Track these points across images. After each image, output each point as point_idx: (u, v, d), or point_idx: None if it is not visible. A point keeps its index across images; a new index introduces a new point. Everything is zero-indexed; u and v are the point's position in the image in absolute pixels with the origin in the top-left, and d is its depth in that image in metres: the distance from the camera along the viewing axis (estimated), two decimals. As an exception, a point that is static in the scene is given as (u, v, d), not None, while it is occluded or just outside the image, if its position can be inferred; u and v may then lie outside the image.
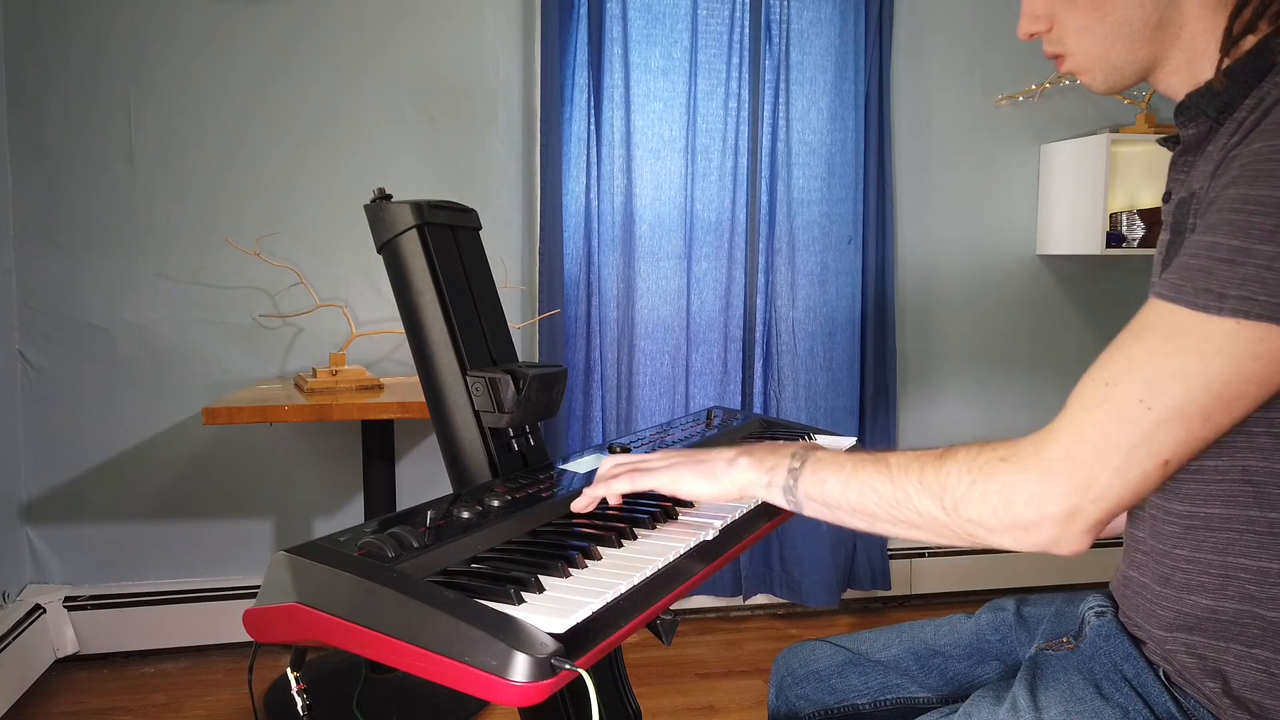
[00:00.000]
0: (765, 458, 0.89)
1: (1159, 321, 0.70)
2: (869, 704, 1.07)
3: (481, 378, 1.10)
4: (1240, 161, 0.70)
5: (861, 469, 0.82)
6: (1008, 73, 2.87)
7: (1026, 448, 0.73)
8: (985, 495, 0.73)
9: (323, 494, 2.60)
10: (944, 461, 0.77)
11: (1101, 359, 0.73)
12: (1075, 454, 0.70)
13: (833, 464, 0.84)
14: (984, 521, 0.73)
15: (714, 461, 0.92)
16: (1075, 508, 0.70)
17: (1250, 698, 0.75)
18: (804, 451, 0.87)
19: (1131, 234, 2.81)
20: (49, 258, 2.40)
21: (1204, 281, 0.68)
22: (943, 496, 0.75)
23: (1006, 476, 0.72)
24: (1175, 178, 0.86)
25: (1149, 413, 0.68)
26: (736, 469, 0.90)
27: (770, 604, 2.87)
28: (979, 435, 2.90)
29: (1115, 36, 0.82)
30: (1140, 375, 0.69)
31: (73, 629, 2.44)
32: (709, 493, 0.92)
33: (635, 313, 2.64)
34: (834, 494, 0.83)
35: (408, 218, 1.13)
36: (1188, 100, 0.82)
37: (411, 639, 0.69)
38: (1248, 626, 0.75)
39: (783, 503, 0.88)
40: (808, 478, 0.85)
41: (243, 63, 2.45)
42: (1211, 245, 0.68)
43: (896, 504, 0.79)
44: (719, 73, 2.65)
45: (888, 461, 0.80)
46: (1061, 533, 0.71)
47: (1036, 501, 0.71)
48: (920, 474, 0.77)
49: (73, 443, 2.45)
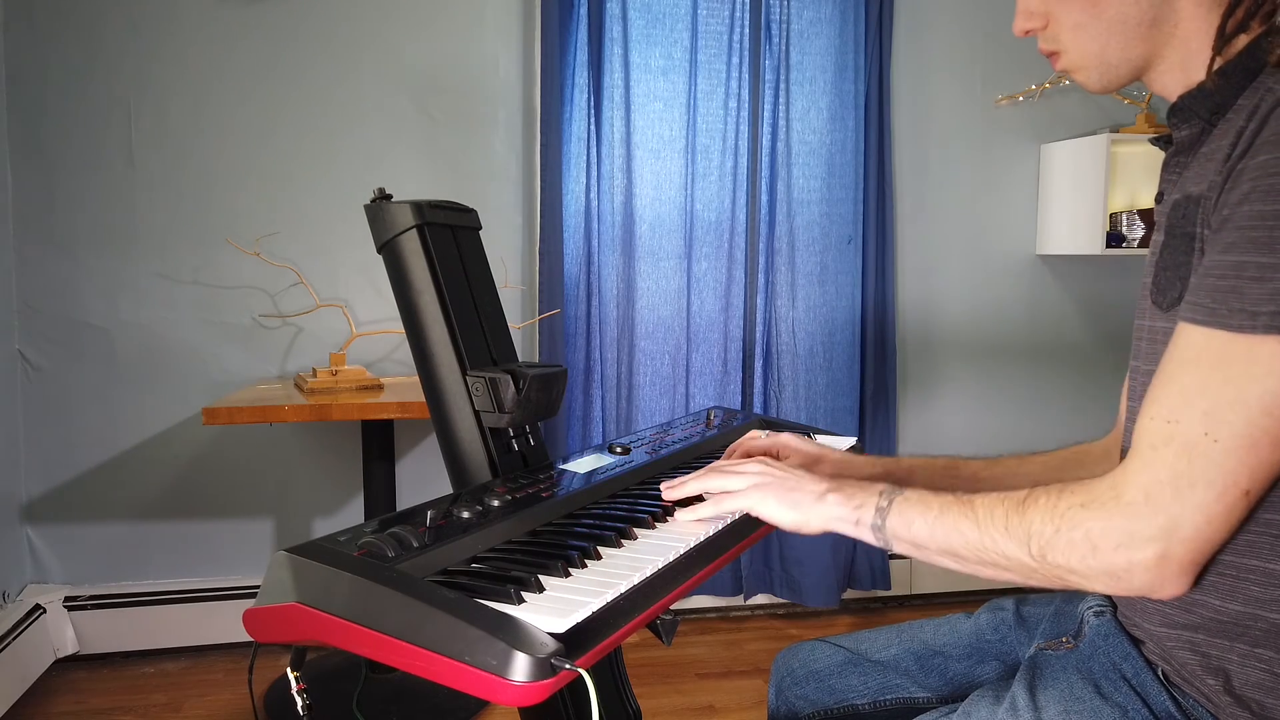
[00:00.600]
0: (854, 494, 0.89)
1: (1203, 350, 0.69)
2: (869, 704, 1.07)
3: (482, 378, 1.10)
4: (1250, 176, 0.69)
5: (947, 512, 0.82)
6: (1008, 72, 2.88)
7: (1105, 492, 0.72)
8: (1071, 543, 0.73)
9: (323, 494, 2.60)
10: (1026, 507, 0.76)
11: (1154, 394, 0.72)
12: (1154, 496, 0.70)
13: (919, 505, 0.84)
14: (1074, 569, 0.73)
15: (802, 492, 0.91)
16: (1164, 552, 0.69)
17: (1251, 696, 0.75)
18: (891, 490, 0.87)
19: (1132, 234, 2.81)
20: (49, 257, 2.40)
21: (1236, 302, 0.68)
22: (1029, 544, 0.75)
23: (1090, 524, 0.72)
24: (1168, 179, 0.86)
25: (1216, 445, 0.68)
26: (825, 504, 0.89)
27: (770, 604, 2.87)
28: (979, 435, 2.91)
29: (1110, 34, 0.82)
30: (1198, 408, 0.69)
31: (73, 629, 2.44)
32: (789, 521, 0.91)
33: (635, 313, 2.64)
34: (922, 536, 0.83)
35: (408, 218, 1.13)
36: (1180, 102, 0.82)
37: (412, 639, 0.69)
38: (1250, 627, 0.75)
39: (871, 540, 0.88)
40: (895, 518, 0.85)
41: (242, 62, 2.45)
42: (1239, 265, 0.68)
43: (984, 549, 0.79)
44: (719, 73, 2.65)
45: (973, 505, 0.80)
46: (1157, 578, 0.70)
47: (1125, 549, 0.70)
48: (1005, 520, 0.77)
49: (73, 443, 2.45)
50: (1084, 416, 2.98)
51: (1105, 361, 3.02)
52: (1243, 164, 0.71)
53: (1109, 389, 3.01)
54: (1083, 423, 2.96)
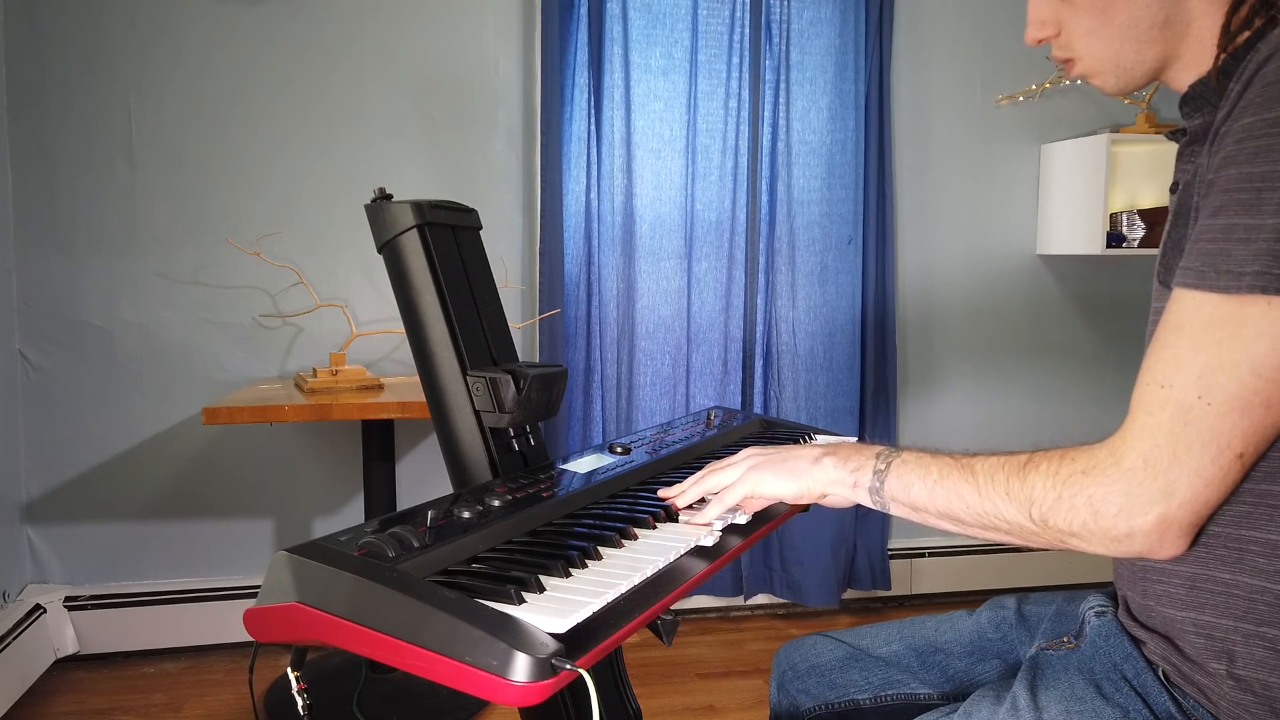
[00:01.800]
0: (850, 457, 0.90)
1: (1193, 313, 0.70)
2: (870, 699, 1.07)
3: (482, 378, 1.10)
4: (1234, 138, 0.70)
5: (947, 476, 0.82)
6: (1008, 72, 2.87)
7: (1104, 459, 0.73)
8: (1073, 509, 0.74)
9: (323, 494, 2.60)
10: (1027, 472, 0.78)
11: (1149, 360, 0.73)
12: (1152, 460, 0.71)
13: (918, 468, 0.85)
14: (1075, 532, 0.75)
15: (797, 460, 0.92)
16: (1163, 515, 0.71)
17: (1255, 676, 0.75)
18: (889, 453, 0.88)
19: (1132, 234, 2.81)
20: (49, 258, 2.40)
21: (1224, 263, 0.68)
22: (1030, 509, 0.77)
23: (1092, 489, 0.73)
24: (1182, 168, 0.86)
25: (1210, 408, 0.69)
26: (821, 467, 0.91)
27: (771, 604, 2.87)
28: (979, 434, 2.90)
29: (1124, 38, 0.83)
30: (1191, 372, 0.69)
31: (73, 629, 2.44)
32: (791, 491, 0.92)
33: (635, 313, 2.64)
34: (920, 499, 0.84)
35: (408, 218, 1.13)
36: (1191, 92, 0.83)
37: (412, 639, 0.69)
38: (1256, 602, 0.75)
39: (868, 502, 0.89)
40: (893, 480, 0.86)
41: (243, 63, 2.45)
42: (1227, 228, 0.69)
43: (984, 513, 0.80)
44: (719, 73, 2.65)
45: (973, 469, 0.81)
46: (1156, 541, 0.72)
47: (1125, 514, 0.72)
48: (1006, 484, 0.78)
49: (73, 442, 2.45)
50: (1084, 416, 2.98)
51: (1105, 361, 3.02)
52: (1227, 126, 0.71)
53: (1109, 388, 3.01)
54: (1083, 422, 2.96)
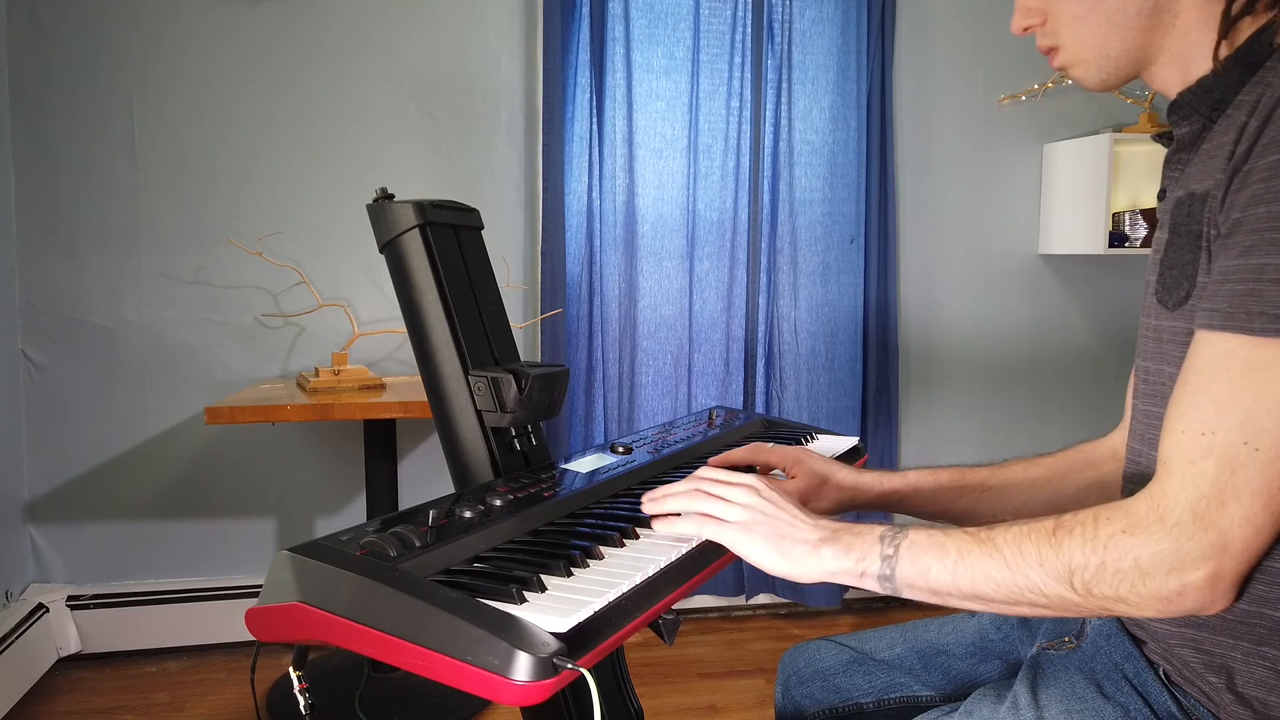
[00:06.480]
0: (852, 545, 0.81)
1: (1228, 357, 0.68)
2: (873, 703, 1.07)
3: (484, 377, 1.10)
4: (1260, 177, 0.69)
5: (968, 554, 0.76)
6: (1010, 72, 2.87)
7: (1147, 514, 0.70)
8: (1120, 574, 0.70)
9: (325, 493, 2.60)
10: (1059, 539, 0.72)
11: (1181, 407, 0.71)
12: (1201, 513, 0.67)
13: (932, 549, 0.77)
14: (1123, 598, 0.70)
15: (795, 541, 0.83)
16: (1217, 569, 0.67)
17: (1254, 694, 0.75)
18: (893, 533, 0.80)
19: (1134, 234, 2.81)
20: (52, 257, 2.40)
21: (1256, 305, 0.67)
22: (1071, 579, 0.71)
23: (1139, 551, 0.69)
24: (1170, 175, 0.86)
25: (1258, 454, 0.66)
26: (820, 559, 0.81)
27: (772, 604, 2.87)
28: (981, 433, 2.91)
29: (1110, 25, 0.82)
30: (1234, 417, 0.67)
31: (75, 628, 2.44)
32: (778, 570, 0.83)
33: (637, 312, 2.64)
34: (942, 583, 0.77)
35: (410, 217, 1.13)
36: (1180, 98, 0.82)
37: (414, 638, 0.69)
38: (1254, 625, 0.74)
39: (878, 590, 0.81)
40: (906, 566, 0.78)
41: (245, 62, 2.45)
42: (1258, 269, 0.67)
43: (1017, 588, 0.74)
44: (721, 72, 2.65)
45: (995, 543, 0.75)
46: (1208, 596, 0.68)
47: (1178, 571, 0.68)
48: (1038, 555, 0.73)
49: (75, 442, 2.45)
50: (1086, 414, 2.98)
51: (1107, 360, 3.02)
52: (1249, 164, 0.70)
53: (1111, 387, 3.01)
54: (1084, 420, 2.96)
